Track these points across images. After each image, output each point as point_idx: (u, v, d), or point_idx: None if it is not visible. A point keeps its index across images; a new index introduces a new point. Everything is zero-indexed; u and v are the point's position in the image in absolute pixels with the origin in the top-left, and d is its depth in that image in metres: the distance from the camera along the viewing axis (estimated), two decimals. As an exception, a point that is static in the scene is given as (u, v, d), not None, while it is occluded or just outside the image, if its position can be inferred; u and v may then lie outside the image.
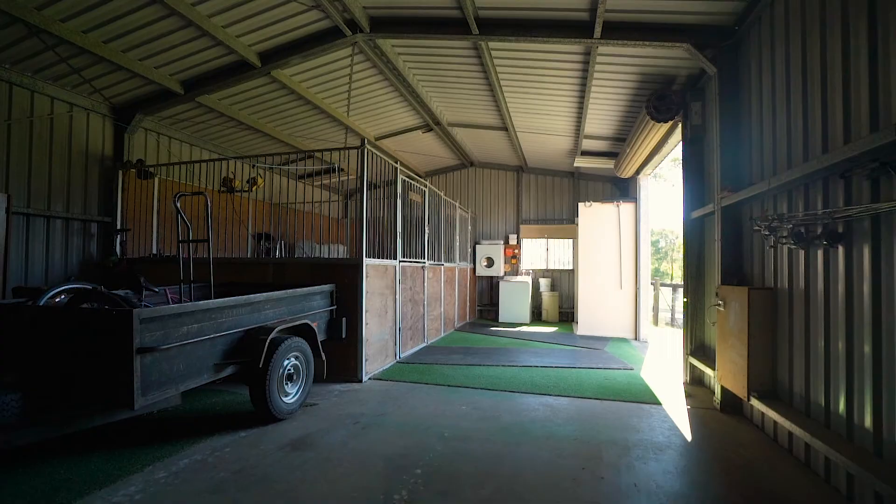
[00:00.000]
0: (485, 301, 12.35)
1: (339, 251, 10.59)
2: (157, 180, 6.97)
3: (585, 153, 9.51)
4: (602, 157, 9.29)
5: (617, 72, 5.89)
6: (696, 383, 5.19)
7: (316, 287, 4.79)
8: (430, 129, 9.49)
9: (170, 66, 5.96)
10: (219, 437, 3.46)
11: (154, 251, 6.78)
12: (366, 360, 5.30)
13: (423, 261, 7.62)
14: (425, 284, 7.64)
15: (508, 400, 4.54)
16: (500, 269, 11.68)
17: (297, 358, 4.09)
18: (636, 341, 8.45)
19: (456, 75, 6.91)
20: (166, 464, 2.99)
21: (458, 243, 10.26)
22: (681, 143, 5.73)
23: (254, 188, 6.02)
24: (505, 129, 8.90)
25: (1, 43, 4.98)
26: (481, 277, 12.25)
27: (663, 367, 6.16)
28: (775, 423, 3.39)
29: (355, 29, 5.52)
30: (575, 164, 9.75)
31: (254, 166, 7.71)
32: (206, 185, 6.53)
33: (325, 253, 9.95)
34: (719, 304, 4.17)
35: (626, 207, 8.89)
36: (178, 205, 3.91)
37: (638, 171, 8.32)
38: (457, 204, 10.22)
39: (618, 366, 6.10)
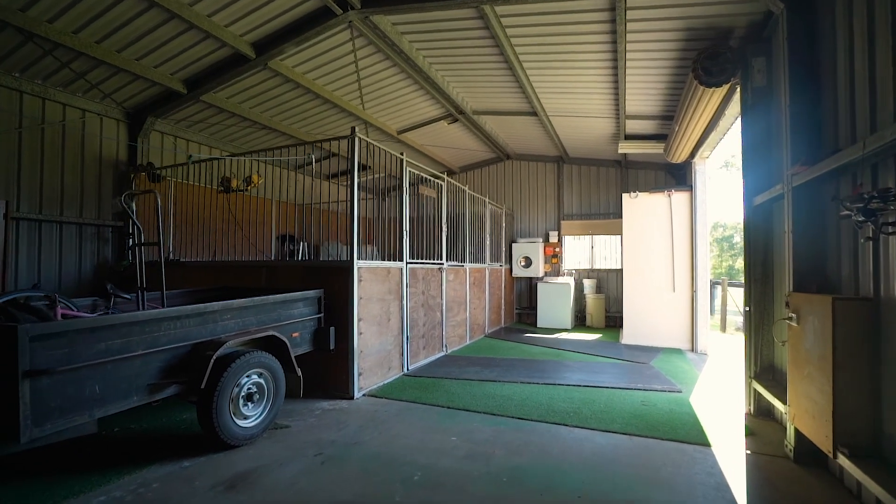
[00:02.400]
0: (523, 304, 11.43)
1: (370, 252, 10.20)
2: (171, 183, 6.91)
3: (630, 137, 8.34)
4: (650, 140, 8.08)
5: (654, 29, 4.85)
6: (762, 415, 4.06)
7: (297, 293, 4.29)
8: (455, 120, 8.79)
9: (167, 65, 5.79)
10: (157, 467, 3.03)
11: (169, 255, 6.69)
12: (358, 375, 4.73)
13: (440, 262, 6.95)
14: (443, 288, 6.97)
15: (511, 430, 3.75)
16: (538, 269, 10.71)
17: (260, 375, 3.60)
18: (692, 353, 7.19)
19: (467, 53, 6.16)
20: (78, 502, 2.58)
21: (488, 242, 9.47)
22: (740, 115, 4.58)
23: (249, 187, 5.70)
24: (534, 113, 7.99)
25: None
26: (519, 278, 11.34)
27: (723, 390, 5.00)
28: (878, 500, 2.33)
29: (346, 6, 4.99)
30: (620, 151, 8.58)
31: (266, 161, 7.48)
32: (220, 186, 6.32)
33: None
34: (791, 318, 3.10)
35: (680, 197, 7.62)
36: (132, 204, 3.56)
37: (692, 154, 7.07)
38: (486, 199, 9.43)
39: (662, 386, 5.04)
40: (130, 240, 6.44)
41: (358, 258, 4.85)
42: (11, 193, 5.50)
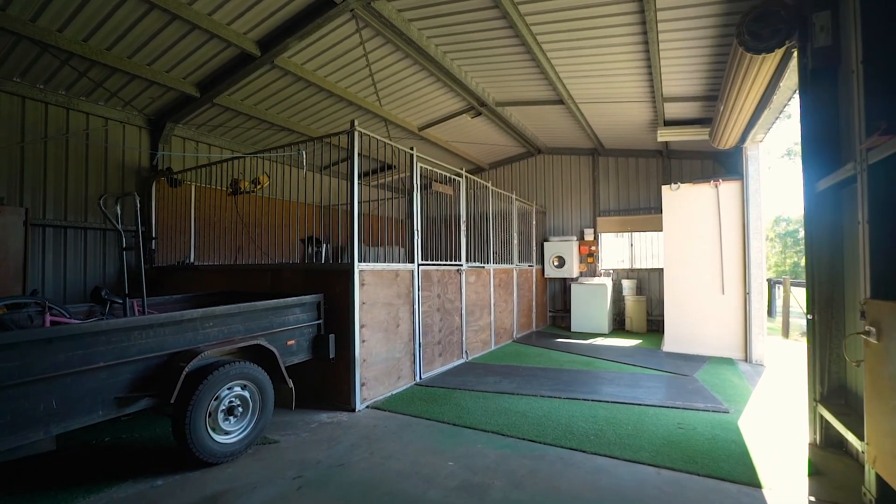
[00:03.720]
0: (557, 306, 10.77)
1: (397, 254, 9.94)
2: (193, 187, 6.96)
3: (670, 123, 7.55)
4: (693, 125, 7.27)
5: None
6: (831, 448, 3.34)
7: (291, 299, 4.04)
8: (479, 113, 8.35)
9: (178, 69, 5.78)
10: (128, 486, 2.84)
11: (186, 259, 6.74)
12: (360, 385, 4.42)
13: (458, 263, 6.54)
14: (463, 290, 6.55)
15: (519, 455, 3.28)
16: (572, 269, 10.03)
17: (244, 387, 3.36)
18: (745, 364, 6.33)
19: (480, 38, 5.71)
20: (32, 526, 2.42)
21: (516, 241, 8.94)
22: (797, 88, 3.83)
23: (257, 188, 5.57)
24: (561, 101, 7.40)
25: (21, 64, 5.16)
26: (552, 279, 10.70)
27: (781, 412, 4.25)
28: None
29: (345, -6, 4.71)
30: (659, 139, 7.78)
31: (292, 156, 7.38)
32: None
33: (379, 256, 9.39)
34: (868, 333, 2.44)
35: (729, 187, 6.77)
36: (116, 208, 3.44)
37: (743, 138, 6.22)
38: (513, 196, 8.91)
39: (706, 404, 4.36)
40: (148, 244, 6.53)
41: (359, 260, 4.55)
42: (38, 201, 5.68)
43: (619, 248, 10.36)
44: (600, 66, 5.99)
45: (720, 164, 8.73)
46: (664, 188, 7.32)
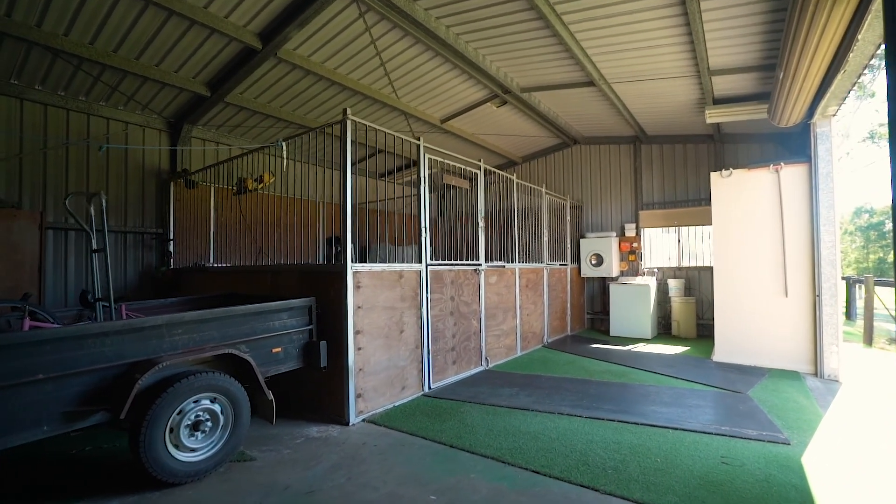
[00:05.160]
0: (596, 308, 9.96)
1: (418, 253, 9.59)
2: (212, 189, 6.95)
3: (720, 101, 6.63)
4: (747, 102, 6.31)
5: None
6: (933, 501, 2.54)
7: (277, 303, 3.75)
8: (504, 102, 7.80)
9: (186, 69, 5.71)
10: (81, 508, 2.63)
11: (201, 261, 6.72)
12: (356, 397, 4.06)
13: (476, 262, 6.05)
14: (482, 292, 6.05)
15: (517, 491, 2.76)
16: (612, 268, 9.20)
17: (214, 400, 3.08)
18: (815, 379, 5.36)
19: (491, 14, 5.16)
20: (-36, 551, 2.24)
21: (546, 238, 8.29)
22: (883, 41, 3.00)
23: (259, 186, 5.37)
24: (591, 83, 6.69)
25: (39, 71, 5.27)
26: (591, 279, 9.91)
27: (864, 444, 3.42)
28: None
29: (339, -27, 4.37)
30: (709, 121, 6.81)
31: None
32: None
33: (397, 255, 9.09)
34: None
35: (793, 172, 5.78)
36: (90, 209, 3.28)
37: (810, 112, 5.25)
38: (543, 189, 8.26)
39: (760, 432, 3.60)
40: (165, 246, 6.56)
41: (357, 261, 4.19)
42: (60, 204, 5.82)
43: (664, 245, 9.40)
44: (631, 37, 5.27)
45: (783, 146, 7.61)
46: (713, 175, 6.42)
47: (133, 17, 4.69)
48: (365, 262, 5.72)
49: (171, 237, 6.64)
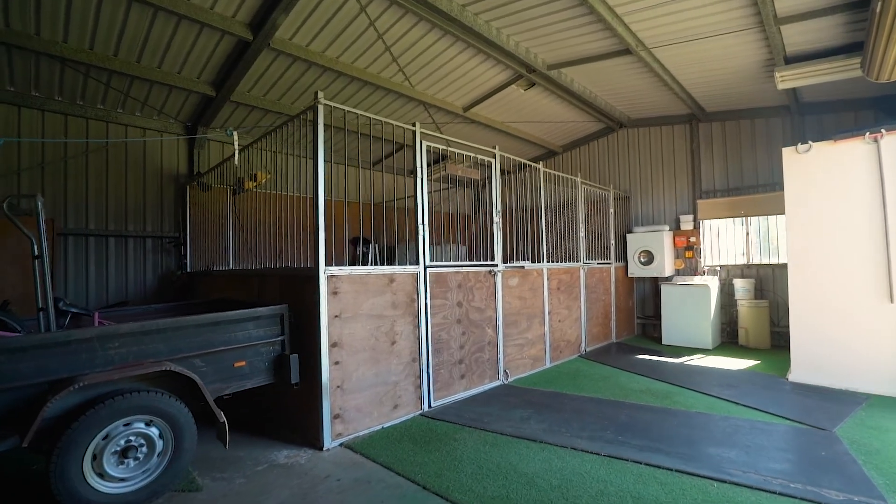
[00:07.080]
0: (648, 312, 8.82)
1: (459, 253, 8.99)
2: (227, 191, 6.87)
3: (794, 59, 5.39)
4: (832, 57, 5.05)
5: None
6: None
7: (237, 312, 3.36)
8: (532, 84, 7.01)
9: (187, 69, 5.58)
10: (-10, 543, 2.37)
11: (210, 264, 6.63)
12: (332, 417, 3.58)
13: (492, 263, 5.37)
14: (499, 296, 5.36)
15: (484, 564, 2.11)
16: (663, 266, 8.04)
17: (149, 423, 2.73)
18: (937, 413, 4.07)
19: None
20: None
21: (582, 233, 7.36)
22: None
23: (252, 185, 5.09)
24: (628, 51, 5.73)
25: (52, 82, 5.38)
26: (641, 279, 8.79)
27: None
28: None
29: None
30: (781, 86, 5.56)
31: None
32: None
33: (437, 256, 8.58)
34: None
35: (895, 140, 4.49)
36: (40, 211, 3.09)
37: (921, 60, 3.99)
38: (578, 179, 7.35)
39: (847, 494, 2.62)
40: (183, 248, 6.55)
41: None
42: (80, 211, 5.97)
43: (729, 239, 8.05)
44: (669, -16, 4.33)
45: (883, 111, 6.10)
46: (785, 152, 5.21)
47: (121, 18, 4.57)
48: (393, 263, 5.31)
49: (186, 241, 6.62)
